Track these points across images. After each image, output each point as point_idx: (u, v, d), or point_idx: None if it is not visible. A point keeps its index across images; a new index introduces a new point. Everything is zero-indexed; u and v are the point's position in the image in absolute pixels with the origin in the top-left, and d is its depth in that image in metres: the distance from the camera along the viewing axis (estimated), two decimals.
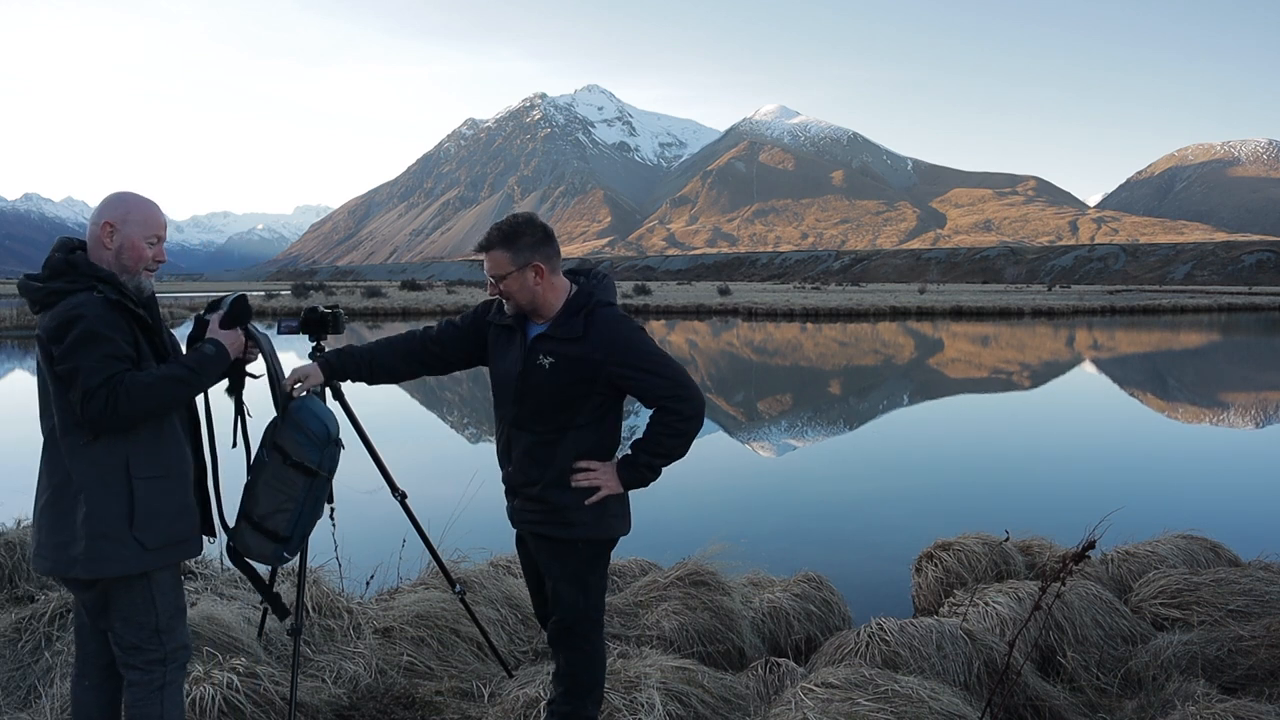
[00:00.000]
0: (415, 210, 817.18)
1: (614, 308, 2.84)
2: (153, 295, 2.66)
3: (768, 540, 6.93)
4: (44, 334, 2.41)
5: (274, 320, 3.70)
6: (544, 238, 2.80)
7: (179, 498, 2.59)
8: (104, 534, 2.45)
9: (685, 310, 49.00)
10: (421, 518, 3.81)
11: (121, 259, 2.54)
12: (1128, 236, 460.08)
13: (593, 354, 2.74)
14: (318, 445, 2.77)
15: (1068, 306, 51.56)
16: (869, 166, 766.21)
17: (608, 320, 2.78)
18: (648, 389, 2.77)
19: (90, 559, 2.44)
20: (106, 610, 2.56)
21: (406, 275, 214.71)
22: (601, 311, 2.79)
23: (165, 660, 2.60)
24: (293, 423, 2.78)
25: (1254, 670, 3.93)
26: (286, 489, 2.75)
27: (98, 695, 2.70)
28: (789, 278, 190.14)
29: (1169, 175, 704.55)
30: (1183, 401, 17.89)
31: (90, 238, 2.56)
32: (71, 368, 2.35)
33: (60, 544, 2.48)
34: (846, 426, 14.27)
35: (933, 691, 3.33)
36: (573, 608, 2.90)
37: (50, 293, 2.45)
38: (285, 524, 2.77)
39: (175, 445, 2.60)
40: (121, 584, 2.52)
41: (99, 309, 2.41)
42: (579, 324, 2.76)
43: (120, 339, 2.43)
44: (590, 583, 2.91)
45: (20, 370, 21.20)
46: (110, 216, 2.54)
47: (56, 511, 2.49)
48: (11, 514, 5.52)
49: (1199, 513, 7.84)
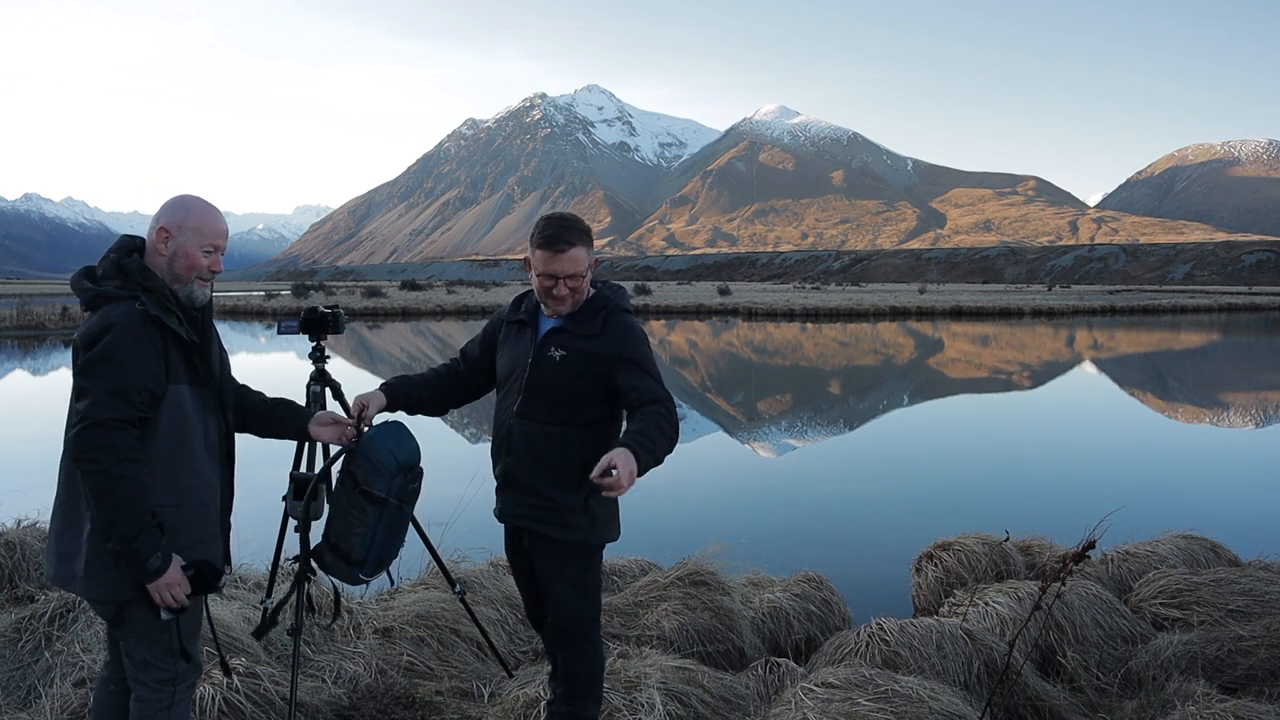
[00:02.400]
0: (415, 210, 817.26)
1: (632, 314, 2.94)
2: (208, 303, 2.59)
3: (768, 540, 6.93)
4: (78, 338, 2.35)
5: (274, 320, 3.70)
6: (589, 236, 2.88)
7: (194, 528, 2.49)
8: (101, 557, 2.36)
9: (685, 310, 49.01)
10: (421, 518, 3.81)
11: (174, 266, 2.46)
12: (1128, 236, 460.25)
13: (605, 349, 2.78)
14: (385, 475, 2.79)
15: (1068, 306, 51.56)
16: (869, 166, 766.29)
17: (625, 322, 2.87)
18: (645, 389, 2.75)
19: (88, 579, 2.38)
20: (121, 623, 2.47)
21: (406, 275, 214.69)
22: (620, 315, 2.87)
23: (175, 680, 2.52)
24: (363, 452, 2.82)
25: (1254, 670, 3.93)
26: (358, 514, 2.80)
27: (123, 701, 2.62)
28: (789, 278, 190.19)
29: (1169, 175, 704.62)
30: (1183, 401, 17.89)
31: (148, 241, 2.49)
32: (85, 386, 2.30)
33: (65, 555, 2.43)
34: (846, 426, 14.27)
35: (933, 691, 3.33)
36: (569, 609, 2.89)
37: (97, 295, 2.39)
38: (358, 548, 2.81)
39: (194, 475, 2.49)
40: (138, 602, 2.42)
41: (133, 323, 2.33)
42: (597, 323, 2.81)
43: (146, 363, 2.34)
44: (587, 584, 2.91)
45: (20, 370, 21.19)
46: (166, 221, 2.46)
47: (65, 522, 2.44)
48: (11, 514, 5.52)
49: (1199, 513, 7.83)
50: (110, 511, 2.28)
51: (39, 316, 32.73)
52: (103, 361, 2.28)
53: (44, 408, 13.02)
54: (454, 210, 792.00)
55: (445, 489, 6.58)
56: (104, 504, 2.28)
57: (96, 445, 2.26)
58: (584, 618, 2.91)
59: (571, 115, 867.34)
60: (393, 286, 74.97)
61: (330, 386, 3.56)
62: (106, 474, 2.26)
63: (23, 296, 47.32)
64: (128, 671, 2.53)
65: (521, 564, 3.04)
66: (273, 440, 2.97)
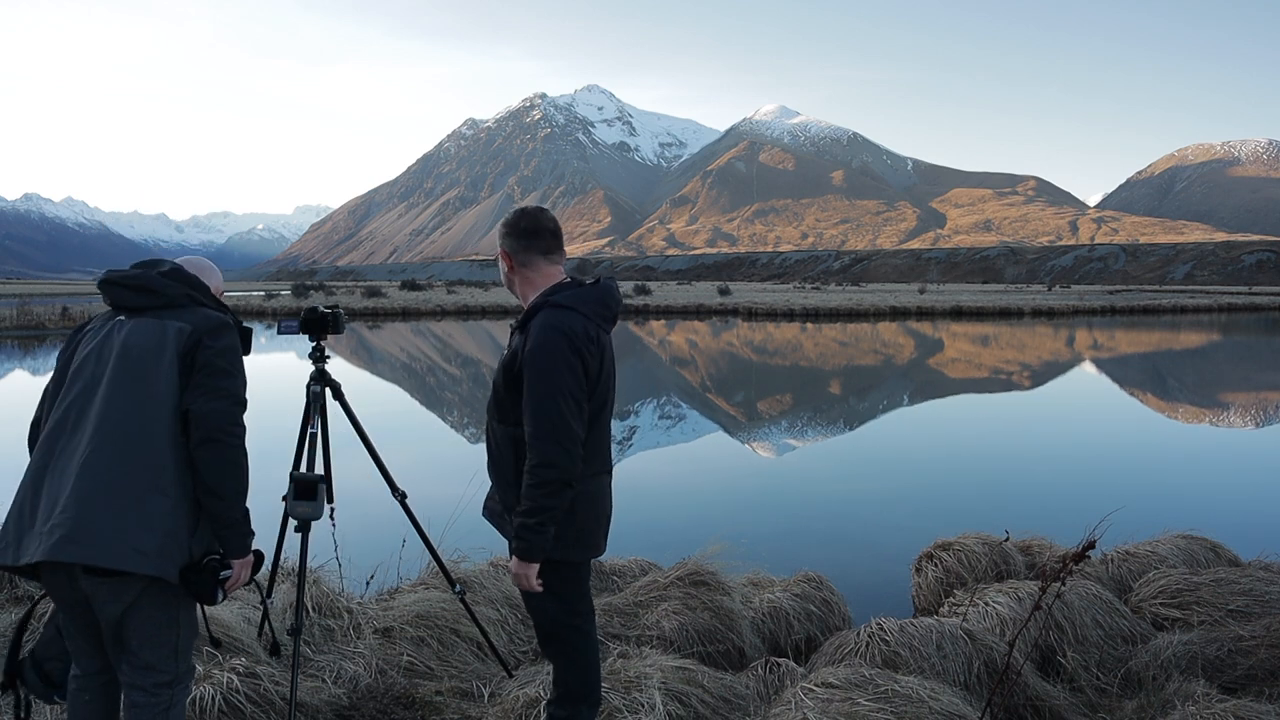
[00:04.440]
0: (415, 210, 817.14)
1: (561, 310, 2.65)
2: None
3: (768, 540, 6.92)
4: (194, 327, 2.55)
5: (274, 320, 3.71)
6: (514, 229, 2.79)
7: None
8: (173, 532, 2.42)
9: (685, 310, 49.01)
10: (421, 518, 3.81)
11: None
12: (1128, 236, 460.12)
13: (521, 348, 2.65)
14: None
15: (1068, 306, 51.56)
16: (869, 166, 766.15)
17: (543, 321, 2.64)
18: (525, 403, 2.62)
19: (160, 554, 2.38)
20: (124, 622, 2.45)
21: (406, 275, 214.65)
22: (546, 311, 2.66)
23: (174, 683, 2.55)
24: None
25: (1254, 670, 3.93)
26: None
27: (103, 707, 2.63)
28: (789, 278, 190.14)
29: (1169, 175, 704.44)
30: (1183, 401, 17.89)
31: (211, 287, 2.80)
32: (231, 370, 2.56)
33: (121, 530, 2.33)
34: (846, 426, 14.26)
35: (933, 691, 3.33)
36: (546, 616, 2.80)
37: (187, 296, 2.64)
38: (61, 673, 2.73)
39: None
40: (154, 595, 2.44)
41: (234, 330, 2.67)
42: (528, 318, 2.70)
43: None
44: (562, 592, 2.77)
45: (20, 370, 21.18)
46: (218, 284, 2.87)
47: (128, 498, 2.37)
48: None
49: (1199, 513, 7.84)
50: (242, 481, 2.55)
51: (39, 316, 32.73)
52: (234, 350, 2.60)
53: None
54: (454, 210, 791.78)
55: (445, 489, 6.58)
56: (241, 476, 2.54)
57: (238, 422, 2.54)
58: (562, 624, 2.80)
59: (571, 115, 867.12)
60: (393, 286, 74.97)
61: (330, 386, 3.56)
62: (243, 449, 2.54)
63: (23, 296, 47.34)
64: (125, 678, 2.51)
65: None
66: (272, 440, 2.97)
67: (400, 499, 3.73)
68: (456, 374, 21.42)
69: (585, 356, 2.62)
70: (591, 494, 2.74)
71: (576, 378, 2.59)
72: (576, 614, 2.82)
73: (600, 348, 2.70)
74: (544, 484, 2.55)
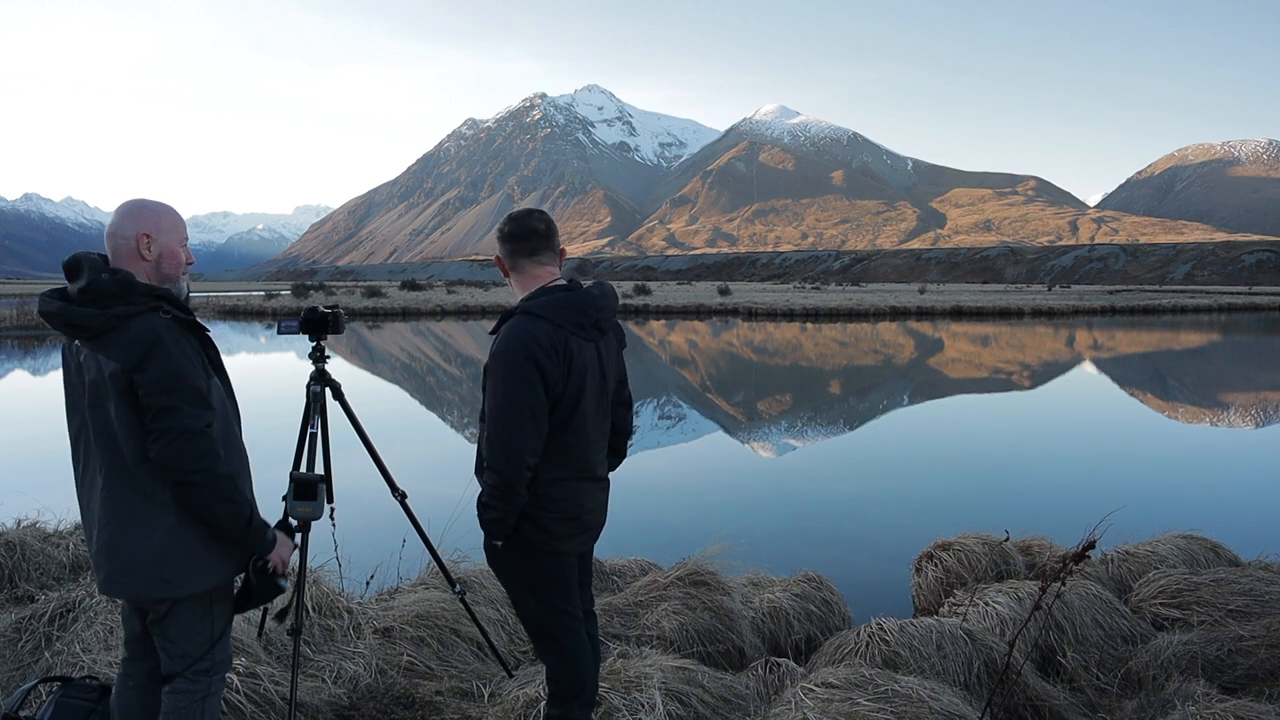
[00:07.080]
0: (415, 210, 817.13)
1: (529, 318, 2.63)
2: (188, 296, 2.67)
3: (768, 540, 6.92)
4: (121, 364, 2.33)
5: (274, 320, 3.71)
6: (502, 236, 2.81)
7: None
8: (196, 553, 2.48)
9: (685, 310, 49.01)
10: (421, 518, 3.81)
11: (161, 268, 2.51)
12: (1128, 236, 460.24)
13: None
14: None
15: (1068, 306, 51.55)
16: (869, 166, 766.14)
17: (507, 329, 2.65)
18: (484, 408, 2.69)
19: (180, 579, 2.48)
20: (166, 620, 2.56)
21: (406, 275, 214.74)
22: (515, 319, 2.66)
23: (211, 670, 2.63)
24: None
25: (1254, 670, 3.93)
26: None
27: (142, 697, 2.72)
28: (789, 278, 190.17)
29: (1169, 175, 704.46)
30: (1183, 402, 17.88)
31: (122, 251, 2.47)
32: (170, 405, 2.34)
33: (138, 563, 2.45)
34: (846, 426, 14.26)
35: (933, 691, 3.33)
36: (528, 613, 2.85)
37: (113, 317, 2.35)
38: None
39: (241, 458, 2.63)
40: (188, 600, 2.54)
41: (173, 334, 2.40)
42: (500, 324, 2.71)
43: (195, 367, 2.44)
44: (535, 584, 2.80)
45: (20, 370, 21.19)
46: (146, 228, 2.48)
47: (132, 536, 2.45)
48: (11, 514, 5.52)
49: (1199, 513, 7.84)
50: (231, 507, 2.45)
51: (39, 317, 32.71)
52: (170, 377, 2.35)
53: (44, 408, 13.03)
54: (454, 210, 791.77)
55: (445, 489, 6.58)
56: (225, 503, 2.43)
57: (202, 453, 2.38)
58: (547, 622, 2.82)
59: (571, 115, 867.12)
60: (393, 286, 74.98)
61: (330, 386, 3.56)
62: (219, 476, 2.41)
63: (23, 296, 47.30)
64: (165, 667, 2.61)
65: None
66: (272, 440, 2.97)
67: (400, 499, 3.73)
68: (456, 374, 21.42)
69: (545, 366, 2.58)
70: (556, 498, 2.73)
71: (531, 387, 2.57)
72: (561, 612, 2.82)
73: (569, 355, 2.64)
74: (490, 485, 2.65)
